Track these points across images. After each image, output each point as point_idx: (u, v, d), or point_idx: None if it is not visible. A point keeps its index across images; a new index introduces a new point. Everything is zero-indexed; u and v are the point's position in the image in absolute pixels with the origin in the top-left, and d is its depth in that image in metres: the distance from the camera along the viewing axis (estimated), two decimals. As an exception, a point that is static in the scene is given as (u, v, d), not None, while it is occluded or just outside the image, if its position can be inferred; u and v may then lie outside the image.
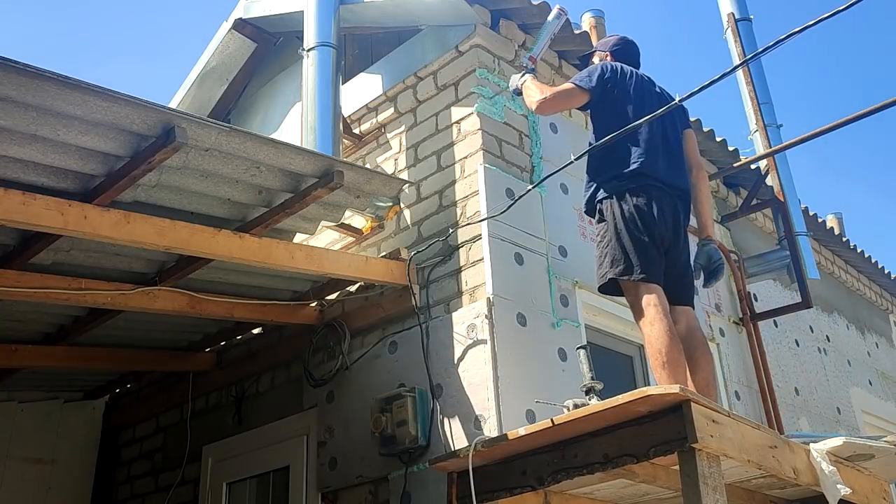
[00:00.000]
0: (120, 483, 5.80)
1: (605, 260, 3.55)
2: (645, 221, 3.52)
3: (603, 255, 3.57)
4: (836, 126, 4.37)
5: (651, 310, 3.37)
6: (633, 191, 3.57)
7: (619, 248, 3.50)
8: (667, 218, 3.60)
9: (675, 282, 3.59)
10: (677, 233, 3.67)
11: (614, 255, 3.51)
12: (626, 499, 3.55)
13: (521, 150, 4.46)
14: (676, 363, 3.27)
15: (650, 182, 3.60)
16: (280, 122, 5.79)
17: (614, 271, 3.49)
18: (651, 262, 3.47)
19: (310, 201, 3.76)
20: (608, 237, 3.56)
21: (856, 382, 7.06)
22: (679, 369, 3.27)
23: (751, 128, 5.90)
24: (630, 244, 3.48)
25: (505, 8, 4.50)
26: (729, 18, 6.01)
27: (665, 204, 3.61)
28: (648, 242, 3.50)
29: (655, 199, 3.58)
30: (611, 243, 3.54)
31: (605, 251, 3.56)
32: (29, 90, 2.82)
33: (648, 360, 3.38)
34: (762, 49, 3.18)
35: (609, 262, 3.53)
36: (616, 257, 3.50)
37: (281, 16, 5.74)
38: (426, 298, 4.13)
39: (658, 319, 3.34)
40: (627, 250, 3.48)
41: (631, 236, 3.49)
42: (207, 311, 4.28)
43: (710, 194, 4.03)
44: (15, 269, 3.68)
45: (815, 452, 3.22)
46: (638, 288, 3.44)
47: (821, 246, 7.47)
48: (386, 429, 3.80)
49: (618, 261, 3.49)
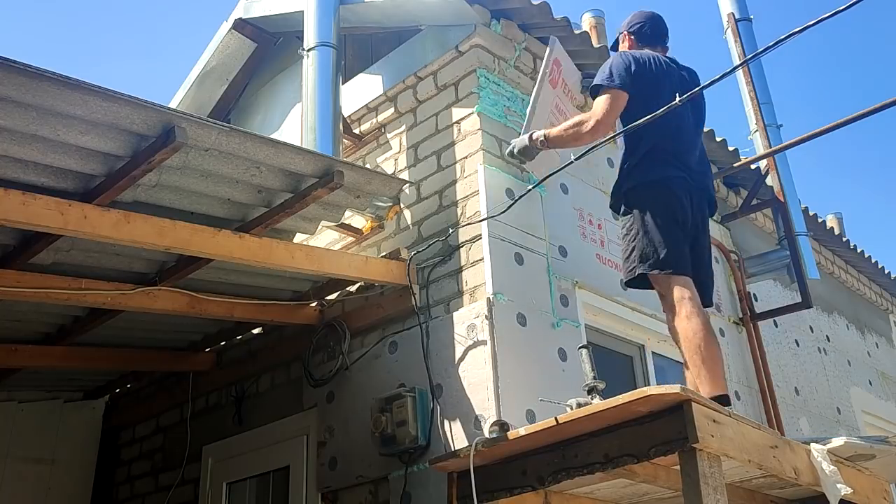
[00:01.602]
0: (120, 483, 5.79)
1: (634, 254, 3.41)
2: (674, 214, 3.39)
3: (629, 248, 3.44)
4: (836, 126, 4.37)
5: (686, 304, 3.23)
6: (663, 181, 3.44)
7: (648, 241, 3.36)
8: (695, 210, 3.49)
9: (699, 277, 3.47)
10: (703, 228, 3.58)
11: (643, 248, 3.37)
12: (627, 498, 3.56)
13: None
14: (715, 359, 3.15)
15: (679, 173, 3.48)
16: (280, 123, 5.79)
17: (644, 266, 3.35)
18: (682, 255, 3.35)
19: (310, 201, 3.75)
20: (635, 229, 3.43)
21: (856, 382, 7.06)
22: (718, 367, 3.15)
23: (751, 128, 5.90)
24: (659, 236, 3.35)
25: (505, 8, 4.50)
26: (729, 18, 6.01)
27: (693, 195, 3.51)
28: (679, 234, 3.38)
29: (685, 189, 3.46)
30: (638, 236, 3.40)
31: (633, 244, 3.42)
32: (29, 90, 2.82)
33: (685, 356, 3.25)
34: (762, 49, 3.18)
35: (638, 256, 3.39)
36: (646, 251, 3.36)
37: (281, 16, 5.74)
38: (426, 298, 4.13)
39: (694, 314, 3.21)
40: (657, 244, 3.34)
41: (660, 228, 3.36)
42: (207, 311, 4.28)
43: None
44: (15, 269, 3.68)
45: (816, 452, 3.22)
46: (670, 281, 3.31)
47: (821, 246, 7.47)
48: (386, 429, 3.80)
49: (647, 255, 3.35)
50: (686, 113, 3.62)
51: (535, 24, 4.63)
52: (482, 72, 4.44)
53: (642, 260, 3.37)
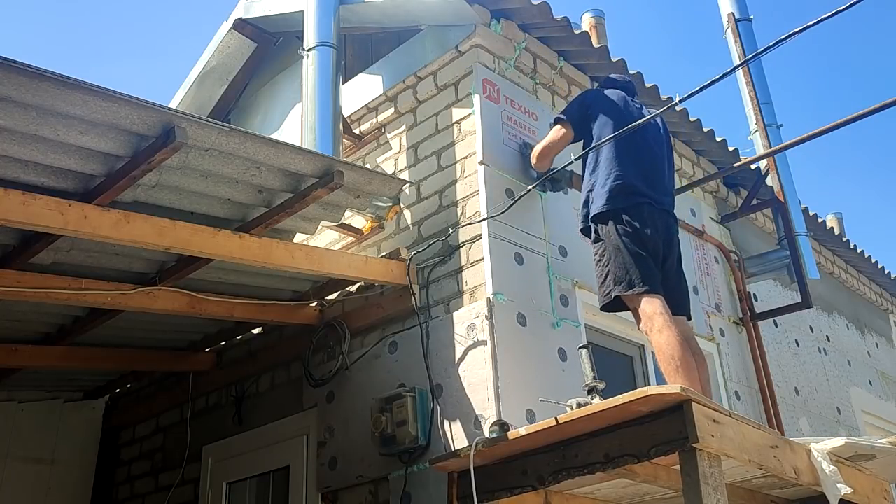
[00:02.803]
0: (120, 483, 5.79)
1: (609, 279, 3.66)
2: (640, 237, 3.65)
3: (603, 274, 3.69)
4: (836, 126, 4.36)
5: (658, 319, 3.48)
6: (625, 209, 3.70)
7: (620, 265, 3.62)
8: (660, 232, 3.74)
9: (671, 293, 3.71)
10: (670, 246, 3.82)
11: (616, 272, 3.62)
12: (627, 498, 3.56)
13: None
14: (689, 366, 3.37)
15: (640, 199, 3.73)
16: (280, 122, 5.79)
17: (619, 289, 3.60)
18: (651, 274, 3.61)
19: (310, 201, 3.75)
20: (607, 256, 3.68)
21: (856, 382, 7.06)
22: (693, 372, 3.37)
23: (751, 128, 5.89)
24: (630, 259, 3.61)
25: (505, 8, 4.50)
26: (729, 18, 6.00)
27: (657, 219, 3.76)
28: (646, 256, 3.63)
29: (647, 214, 3.72)
30: (610, 262, 3.66)
31: (606, 270, 3.68)
32: (29, 90, 2.82)
33: (661, 368, 3.45)
34: (762, 49, 3.18)
35: (612, 280, 3.64)
36: (618, 275, 3.61)
37: (281, 16, 5.74)
38: (426, 298, 4.13)
39: (666, 326, 3.45)
40: (628, 266, 3.60)
41: (629, 252, 3.62)
42: (207, 311, 4.28)
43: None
44: (15, 269, 3.68)
45: (816, 452, 3.22)
46: (641, 300, 3.55)
47: (821, 246, 7.47)
48: (386, 429, 3.80)
49: (620, 278, 3.60)
50: (651, 141, 3.96)
51: (535, 24, 4.63)
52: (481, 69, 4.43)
53: (616, 283, 3.62)
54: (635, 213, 3.70)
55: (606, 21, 6.85)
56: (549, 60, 4.83)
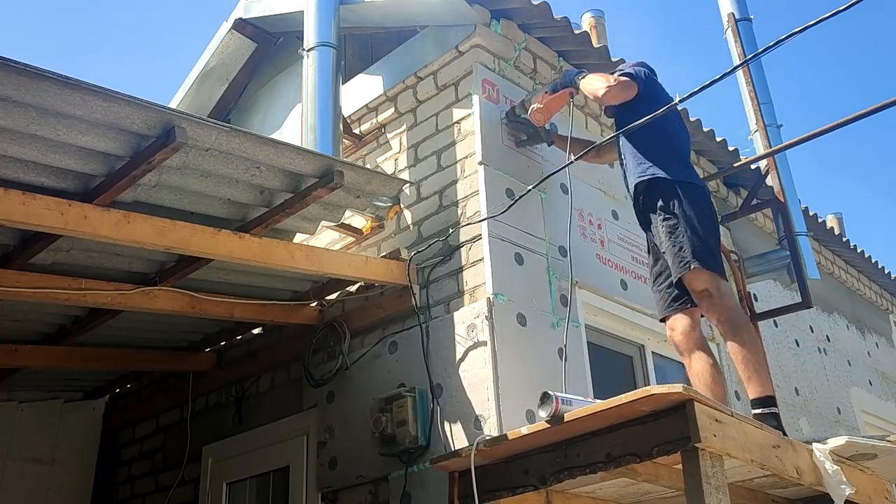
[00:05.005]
0: (120, 483, 5.79)
1: (685, 249, 3.47)
2: (714, 215, 3.64)
3: (677, 244, 3.50)
4: (836, 126, 4.35)
5: (731, 298, 3.49)
6: (699, 186, 3.68)
7: (696, 238, 3.48)
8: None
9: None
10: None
11: (693, 243, 3.46)
12: (628, 498, 3.55)
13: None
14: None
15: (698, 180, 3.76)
16: (280, 122, 5.78)
17: (696, 262, 3.44)
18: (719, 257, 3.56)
19: (310, 201, 3.75)
20: (681, 227, 3.51)
21: (856, 382, 7.06)
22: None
23: (751, 128, 5.88)
24: (705, 235, 3.51)
25: (505, 8, 4.49)
26: (729, 18, 6.00)
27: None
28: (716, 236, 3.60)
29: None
30: (686, 234, 3.49)
31: (681, 241, 3.50)
32: (29, 90, 2.82)
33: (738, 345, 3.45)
34: (762, 49, 3.18)
35: (690, 251, 3.46)
36: (696, 246, 3.46)
37: (281, 16, 5.73)
38: (426, 298, 4.13)
39: (739, 308, 3.49)
40: (705, 241, 3.50)
41: (705, 227, 3.53)
42: (207, 311, 4.28)
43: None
44: (15, 269, 3.68)
45: (818, 452, 3.21)
46: (718, 280, 3.48)
47: (821, 246, 7.47)
48: (386, 429, 3.80)
49: (698, 249, 3.46)
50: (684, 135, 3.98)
51: (535, 24, 4.63)
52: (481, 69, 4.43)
53: (695, 256, 3.46)
54: (705, 192, 3.74)
55: (606, 21, 6.85)
56: (549, 60, 4.83)
